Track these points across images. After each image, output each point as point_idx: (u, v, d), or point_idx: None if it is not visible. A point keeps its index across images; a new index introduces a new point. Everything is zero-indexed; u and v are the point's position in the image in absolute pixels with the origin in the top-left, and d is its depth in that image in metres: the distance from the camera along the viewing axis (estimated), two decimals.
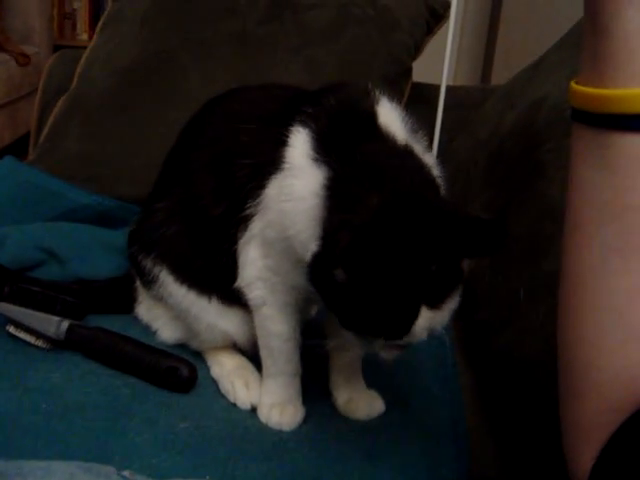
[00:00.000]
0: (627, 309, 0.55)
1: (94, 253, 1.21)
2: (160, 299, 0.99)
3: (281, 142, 0.79)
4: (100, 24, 1.66)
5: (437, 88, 1.67)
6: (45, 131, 1.54)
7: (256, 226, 0.84)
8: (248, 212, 0.83)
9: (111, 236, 1.26)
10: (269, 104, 0.89)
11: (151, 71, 1.49)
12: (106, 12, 1.67)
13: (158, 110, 1.45)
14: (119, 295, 1.09)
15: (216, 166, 0.89)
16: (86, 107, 1.50)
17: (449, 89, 1.68)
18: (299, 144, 0.78)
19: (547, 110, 1.11)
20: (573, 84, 0.58)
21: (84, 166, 1.44)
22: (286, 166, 0.78)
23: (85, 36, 4.59)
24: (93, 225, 1.30)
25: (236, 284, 0.88)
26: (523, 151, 1.14)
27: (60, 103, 1.56)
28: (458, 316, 1.20)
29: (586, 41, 0.56)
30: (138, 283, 1.05)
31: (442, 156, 1.60)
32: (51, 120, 1.54)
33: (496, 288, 1.07)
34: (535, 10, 2.09)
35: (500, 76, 1.63)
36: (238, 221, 0.85)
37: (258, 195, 0.82)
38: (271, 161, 0.80)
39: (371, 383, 0.96)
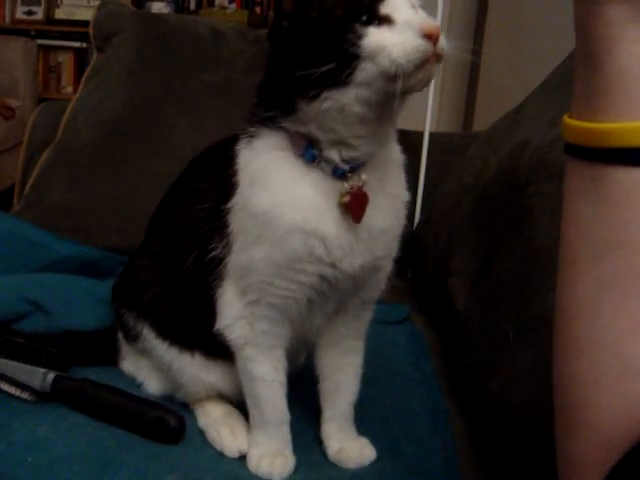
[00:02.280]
0: (623, 345, 0.54)
1: (79, 304, 1.20)
2: (144, 352, 0.99)
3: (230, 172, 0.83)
4: (85, 76, 1.67)
5: (420, 135, 1.69)
6: (30, 182, 1.54)
7: (229, 262, 0.84)
8: (215, 254, 0.84)
9: (96, 286, 1.25)
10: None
11: (136, 122, 1.50)
12: (91, 64, 1.69)
13: (143, 161, 1.46)
14: (105, 347, 1.08)
15: (183, 218, 0.91)
16: (71, 158, 1.51)
17: (432, 136, 1.71)
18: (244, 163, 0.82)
19: (529, 155, 1.12)
20: (566, 118, 0.57)
21: (69, 217, 1.44)
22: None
23: (70, 89, 4.63)
24: (78, 276, 1.29)
25: (215, 327, 0.87)
26: (507, 195, 1.15)
27: (45, 154, 1.56)
28: (448, 360, 1.21)
29: (578, 74, 0.56)
30: (121, 336, 1.05)
31: (428, 201, 1.62)
32: (36, 171, 1.54)
33: (486, 331, 1.07)
34: (515, 58, 2.13)
35: (482, 122, 1.64)
36: (209, 265, 0.85)
37: (222, 234, 0.83)
38: (224, 195, 0.83)
39: (362, 431, 0.95)
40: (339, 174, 0.79)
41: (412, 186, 1.63)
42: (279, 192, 0.79)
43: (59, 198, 1.46)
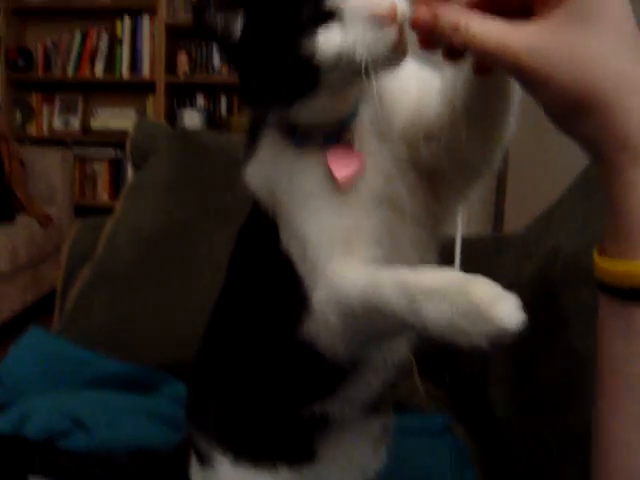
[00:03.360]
0: None
1: (122, 420, 1.21)
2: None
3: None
4: (123, 193, 1.72)
5: (452, 240, 1.71)
6: (71, 300, 1.57)
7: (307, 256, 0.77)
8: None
9: (138, 402, 1.26)
10: None
11: (175, 239, 1.54)
12: (128, 181, 1.75)
13: (183, 278, 1.49)
14: (148, 468, 1.08)
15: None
16: (111, 276, 1.54)
17: (464, 240, 1.72)
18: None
19: (562, 260, 1.13)
20: (596, 256, 0.59)
21: (111, 335, 1.46)
22: None
23: (105, 196, 4.75)
24: (121, 392, 1.31)
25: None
26: (543, 301, 1.15)
27: (85, 272, 1.60)
28: (489, 470, 1.19)
29: (606, 211, 0.58)
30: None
31: None
32: (77, 289, 1.58)
33: (527, 442, 1.06)
34: (542, 153, 2.15)
35: (512, 224, 1.66)
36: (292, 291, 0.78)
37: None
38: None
39: None
40: (330, 143, 0.76)
41: None
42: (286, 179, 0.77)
43: (100, 316, 1.48)
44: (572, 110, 0.56)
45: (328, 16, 0.64)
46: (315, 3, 0.64)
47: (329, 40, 0.64)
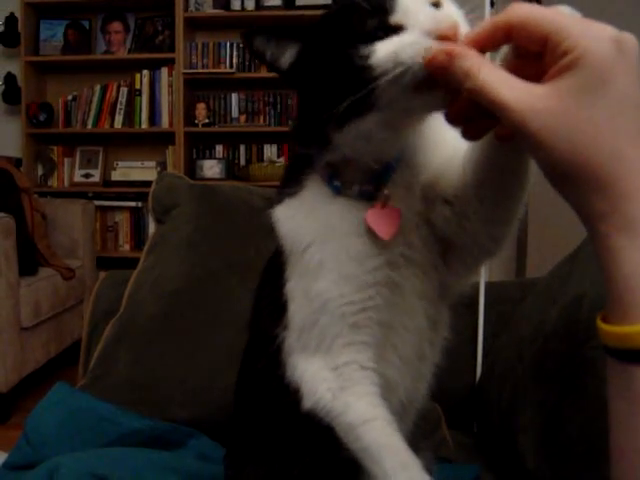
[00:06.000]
0: None
1: (148, 478, 1.21)
2: None
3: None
4: (146, 249, 1.74)
5: (476, 285, 1.71)
6: (95, 355, 1.58)
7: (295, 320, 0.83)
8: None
9: (164, 459, 1.26)
10: None
11: (198, 294, 1.55)
12: (151, 236, 1.76)
13: (206, 333, 1.49)
14: None
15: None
16: (135, 332, 1.55)
17: (487, 285, 1.72)
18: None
19: (587, 307, 1.12)
20: (598, 320, 0.60)
21: (135, 390, 1.46)
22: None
23: (127, 247, 4.78)
24: (146, 448, 1.30)
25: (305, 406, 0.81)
26: (569, 348, 1.14)
27: (109, 327, 1.60)
28: None
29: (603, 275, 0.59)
30: None
31: (488, 352, 1.62)
32: (101, 344, 1.58)
33: None
34: (563, 204, 2.15)
35: (534, 269, 1.65)
36: None
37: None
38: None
39: None
40: (366, 196, 0.79)
41: (471, 338, 1.63)
42: (317, 226, 0.80)
43: (124, 372, 1.49)
44: (563, 176, 0.58)
45: (392, 31, 0.66)
46: (380, 18, 0.67)
47: (385, 47, 0.66)
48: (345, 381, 0.80)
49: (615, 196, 0.55)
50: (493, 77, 0.58)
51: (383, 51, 0.66)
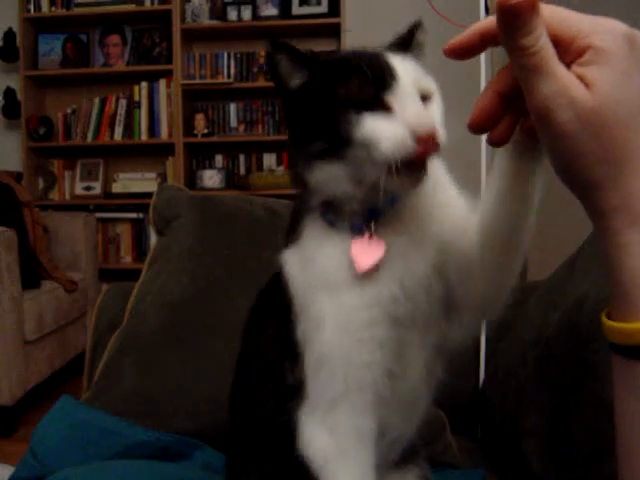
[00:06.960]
0: None
1: None
2: None
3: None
4: (147, 260, 1.74)
5: None
6: (99, 368, 1.58)
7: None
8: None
9: (170, 470, 1.25)
10: None
11: (200, 305, 1.55)
12: (152, 248, 1.76)
13: (209, 343, 1.49)
14: None
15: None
16: (139, 344, 1.55)
17: None
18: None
19: (589, 310, 1.12)
20: (603, 317, 0.60)
21: (139, 403, 1.46)
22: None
23: (129, 259, 4.79)
24: (152, 460, 1.30)
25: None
26: (571, 352, 1.14)
27: (113, 339, 1.60)
28: None
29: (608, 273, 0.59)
30: None
31: (491, 357, 1.62)
32: (105, 357, 1.59)
33: None
34: (563, 207, 2.15)
35: (535, 271, 1.65)
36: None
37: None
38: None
39: None
40: (357, 230, 0.79)
41: (474, 343, 1.63)
42: (314, 275, 0.80)
43: (128, 384, 1.49)
44: (581, 169, 0.58)
45: (380, 105, 0.72)
46: (376, 90, 0.72)
47: (371, 124, 0.70)
48: (340, 450, 0.80)
49: (628, 193, 0.56)
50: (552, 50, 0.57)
51: (368, 130, 0.70)
